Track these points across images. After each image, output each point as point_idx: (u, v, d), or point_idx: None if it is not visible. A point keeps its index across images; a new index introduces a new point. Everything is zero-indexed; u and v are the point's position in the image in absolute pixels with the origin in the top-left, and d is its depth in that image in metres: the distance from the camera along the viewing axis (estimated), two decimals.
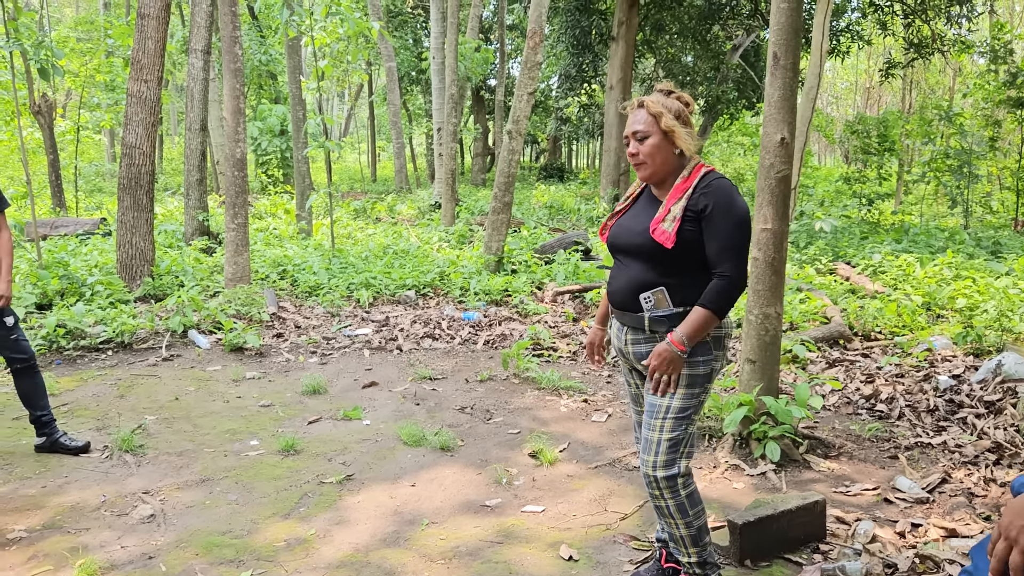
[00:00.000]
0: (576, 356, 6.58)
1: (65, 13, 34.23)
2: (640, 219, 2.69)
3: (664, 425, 2.60)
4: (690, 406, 2.61)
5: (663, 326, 2.60)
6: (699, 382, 2.61)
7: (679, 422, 2.60)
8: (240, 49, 7.86)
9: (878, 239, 11.99)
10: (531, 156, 43.29)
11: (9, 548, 3.26)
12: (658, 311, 2.60)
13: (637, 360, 2.73)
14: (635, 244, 2.64)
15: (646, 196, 2.79)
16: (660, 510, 2.68)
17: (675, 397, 2.60)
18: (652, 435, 2.62)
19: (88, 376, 5.81)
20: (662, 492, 2.62)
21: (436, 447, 4.47)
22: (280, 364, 6.27)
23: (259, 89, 24.70)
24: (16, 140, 15.21)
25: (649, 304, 2.62)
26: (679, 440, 2.61)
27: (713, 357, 2.62)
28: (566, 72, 22.59)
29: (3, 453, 4.30)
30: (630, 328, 2.72)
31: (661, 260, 2.59)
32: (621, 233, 2.75)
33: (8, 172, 18.15)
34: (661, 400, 2.61)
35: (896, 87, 33.67)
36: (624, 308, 2.70)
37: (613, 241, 2.78)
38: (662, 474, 2.60)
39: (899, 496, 3.77)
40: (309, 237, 12.57)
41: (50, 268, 7.88)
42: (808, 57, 12.04)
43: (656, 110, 2.62)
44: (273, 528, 3.47)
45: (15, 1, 7.96)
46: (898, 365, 5.94)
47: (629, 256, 2.69)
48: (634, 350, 2.72)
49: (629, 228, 2.72)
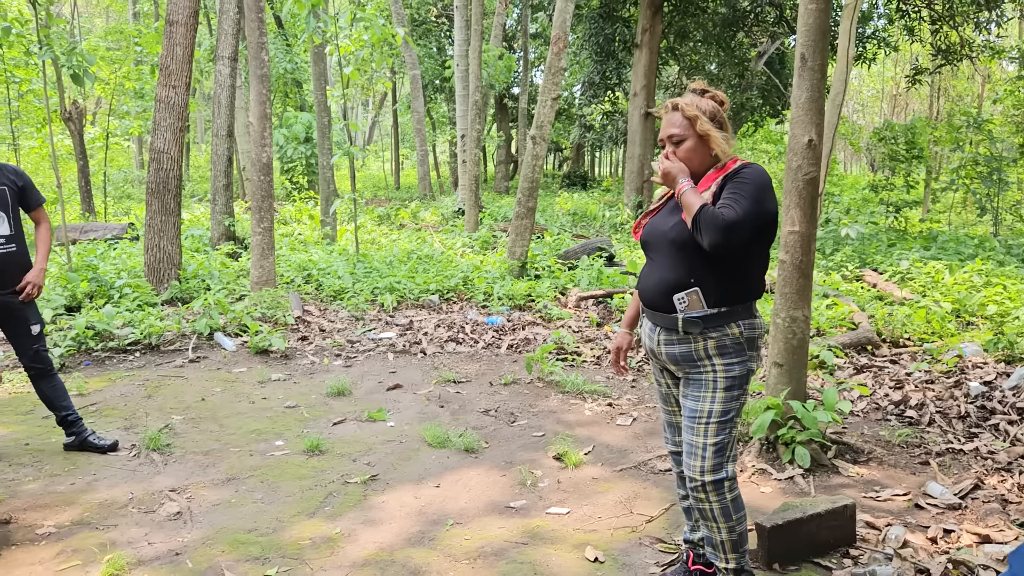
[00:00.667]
0: (600, 361, 6.55)
1: (95, 23, 34.79)
2: (672, 216, 2.68)
3: (708, 430, 2.58)
4: (731, 409, 2.58)
5: (697, 327, 2.57)
6: (737, 384, 2.59)
7: (722, 426, 2.58)
8: (266, 55, 7.94)
9: (906, 246, 11.86)
10: (554, 164, 43.31)
11: (39, 543, 3.29)
12: (692, 312, 2.57)
13: (670, 361, 2.69)
14: (668, 238, 2.62)
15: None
16: (704, 513, 2.65)
17: (715, 401, 2.57)
18: (696, 440, 2.59)
19: (116, 377, 5.88)
20: (708, 496, 2.60)
21: (460, 449, 4.47)
22: (305, 366, 6.30)
23: (285, 97, 24.93)
24: (47, 146, 15.45)
25: (683, 305, 2.58)
26: (724, 444, 2.59)
27: (748, 357, 2.60)
28: (589, 79, 22.58)
29: (33, 451, 4.36)
30: (663, 328, 2.68)
31: (692, 253, 2.55)
32: (653, 230, 2.73)
33: (39, 178, 18.45)
34: (702, 405, 2.58)
35: (923, 94, 33.33)
36: (656, 308, 2.67)
37: (645, 238, 2.77)
38: (710, 479, 2.58)
39: (930, 502, 3.71)
40: (334, 242, 12.64)
41: (79, 271, 7.98)
42: (834, 63, 11.94)
43: (692, 113, 2.59)
44: (299, 527, 3.48)
45: (47, 9, 8.09)
46: (928, 371, 5.86)
47: (661, 253, 2.67)
48: (667, 351, 2.68)
49: (661, 224, 2.70)
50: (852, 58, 7.42)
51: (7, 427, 4.70)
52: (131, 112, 17.62)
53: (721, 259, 2.55)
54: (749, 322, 2.60)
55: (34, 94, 14.18)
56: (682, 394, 2.70)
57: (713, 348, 2.57)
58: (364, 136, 40.22)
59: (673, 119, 2.63)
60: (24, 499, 3.72)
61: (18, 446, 4.42)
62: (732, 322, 2.56)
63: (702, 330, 2.57)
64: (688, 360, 2.61)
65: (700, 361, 2.59)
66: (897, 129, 14.50)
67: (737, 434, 2.65)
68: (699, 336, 2.58)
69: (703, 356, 2.58)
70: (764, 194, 2.47)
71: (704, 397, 2.59)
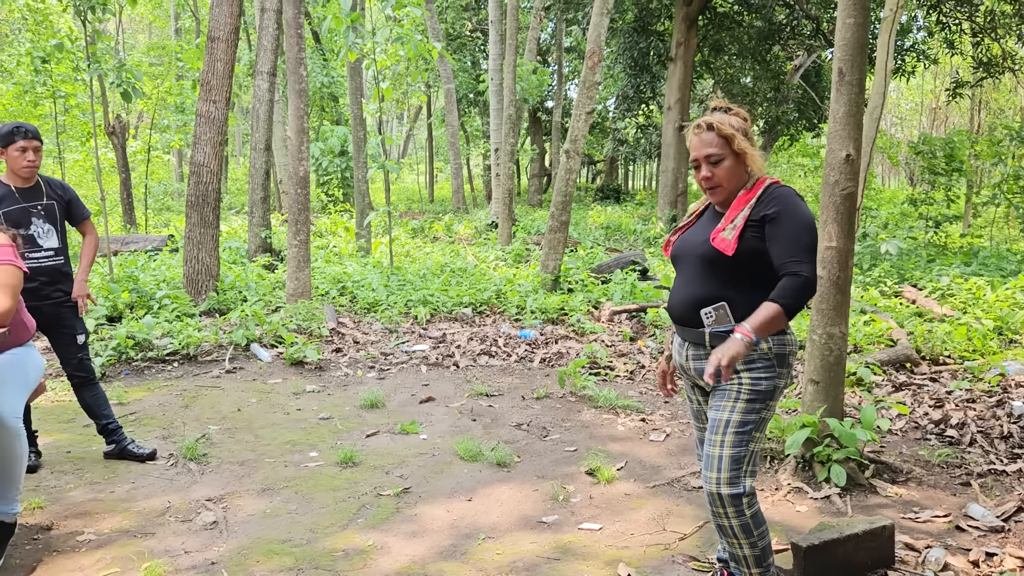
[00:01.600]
0: (633, 375, 6.52)
1: (139, 39, 35.58)
2: (702, 232, 2.70)
3: (725, 440, 2.56)
4: (750, 421, 2.56)
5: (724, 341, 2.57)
6: (761, 398, 2.56)
7: (740, 437, 2.55)
8: (304, 70, 8.06)
9: (946, 262, 11.65)
10: (587, 177, 43.29)
11: (79, 550, 3.35)
12: (719, 327, 2.58)
13: (698, 376, 2.70)
14: (696, 254, 2.64)
15: (710, 212, 2.79)
16: (723, 529, 2.63)
17: (735, 411, 2.55)
18: (713, 451, 2.58)
19: (155, 386, 5.98)
20: (726, 510, 2.57)
21: (493, 463, 4.47)
22: (339, 378, 6.36)
23: (321, 111, 25.26)
24: (91, 160, 15.81)
25: (710, 319, 2.59)
26: (741, 456, 2.56)
27: (777, 375, 2.57)
28: (624, 93, 22.57)
29: (75, 459, 4.44)
30: (691, 343, 2.69)
31: (721, 270, 2.57)
32: (683, 246, 2.75)
33: (83, 191, 18.87)
34: (722, 415, 2.58)
35: (964, 107, 32.81)
36: (684, 323, 2.69)
37: (675, 254, 2.79)
38: (726, 491, 2.55)
39: (972, 524, 3.63)
40: (368, 255, 12.75)
41: (121, 282, 8.14)
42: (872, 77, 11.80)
43: (728, 132, 2.58)
44: (332, 538, 3.50)
45: (95, 27, 8.31)
46: (969, 390, 5.74)
47: (690, 268, 2.68)
48: (695, 365, 2.69)
49: (691, 241, 2.72)
50: (891, 71, 7.34)
51: (50, 435, 4.80)
52: (172, 126, 17.97)
53: (748, 275, 2.55)
54: (779, 338, 2.58)
55: (80, 109, 14.53)
56: (708, 406, 2.71)
57: (741, 362, 2.55)
58: (399, 149, 40.58)
59: (708, 139, 2.60)
60: (65, 506, 3.79)
61: (60, 453, 4.51)
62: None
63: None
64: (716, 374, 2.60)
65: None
66: (935, 143, 14.27)
67: (757, 449, 2.61)
68: None
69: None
70: (807, 220, 2.48)
71: (725, 407, 2.58)
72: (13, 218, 4.06)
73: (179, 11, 26.98)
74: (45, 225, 4.18)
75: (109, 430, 4.40)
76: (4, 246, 3.25)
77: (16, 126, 4.03)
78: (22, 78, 13.50)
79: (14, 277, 3.23)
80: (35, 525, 3.56)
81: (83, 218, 4.41)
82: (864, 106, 5.43)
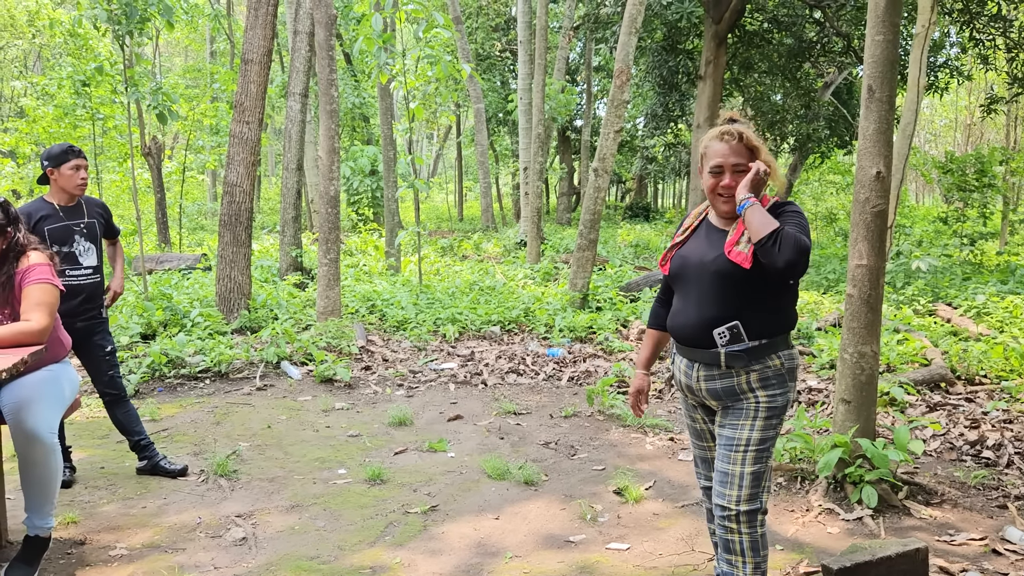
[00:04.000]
0: (662, 394, 6.49)
1: (175, 62, 36.32)
2: (707, 248, 2.65)
3: (746, 458, 2.56)
4: (769, 438, 2.58)
5: (740, 361, 2.56)
6: (777, 413, 2.58)
7: (760, 454, 2.57)
8: (336, 92, 8.18)
9: (982, 280, 11.46)
10: (616, 195, 43.26)
11: (111, 564, 3.40)
12: (734, 346, 2.56)
13: (711, 397, 2.66)
14: (707, 271, 2.59)
15: (707, 228, 2.73)
16: (730, 546, 2.61)
17: (755, 429, 2.56)
18: (734, 469, 2.57)
19: (187, 403, 6.05)
20: (740, 527, 2.58)
21: (520, 481, 4.46)
22: (368, 396, 6.39)
23: (352, 131, 25.55)
24: (128, 180, 16.14)
25: (724, 339, 2.57)
26: (761, 473, 2.57)
27: (788, 389, 2.61)
28: (652, 111, 22.55)
29: (108, 474, 4.51)
30: (702, 364, 2.65)
31: (735, 286, 2.54)
32: (687, 263, 2.68)
33: (119, 210, 19.26)
34: (741, 433, 2.58)
35: (999, 123, 32.34)
36: (695, 344, 2.64)
37: (678, 271, 2.71)
38: (745, 508, 2.56)
39: (1009, 548, 3.56)
40: (398, 273, 12.83)
41: (155, 300, 8.28)
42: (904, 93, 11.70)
43: (755, 143, 2.58)
44: (359, 555, 3.51)
45: (134, 51, 8.51)
46: (1006, 411, 5.63)
47: (698, 286, 2.63)
48: (707, 387, 2.65)
49: (697, 257, 2.65)
50: (923, 88, 7.27)
51: (84, 451, 4.88)
52: (207, 147, 18.29)
53: (760, 292, 2.54)
54: (788, 353, 2.60)
55: (117, 130, 14.84)
56: (719, 424, 2.67)
57: (756, 381, 2.57)
58: (428, 169, 40.85)
59: (737, 148, 2.58)
60: (98, 521, 3.85)
61: (94, 469, 4.58)
62: (773, 353, 2.57)
63: (746, 364, 2.55)
64: (731, 395, 2.60)
65: (743, 394, 2.59)
66: (965, 160, 14.07)
67: (773, 465, 2.62)
68: (742, 370, 2.57)
69: (745, 389, 2.58)
70: (806, 228, 2.51)
71: (743, 425, 2.57)
72: (57, 235, 4.17)
73: (214, 34, 27.51)
74: (86, 243, 4.29)
75: (141, 446, 4.47)
76: (43, 265, 3.33)
77: (68, 146, 4.18)
78: (63, 100, 13.86)
79: (52, 296, 3.30)
80: (68, 539, 3.62)
81: (116, 234, 4.60)
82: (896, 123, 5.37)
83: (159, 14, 8.26)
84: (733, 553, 2.61)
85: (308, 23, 10.93)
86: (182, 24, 20.84)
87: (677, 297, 2.74)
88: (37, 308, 3.23)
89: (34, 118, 14.37)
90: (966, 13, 14.75)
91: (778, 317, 2.58)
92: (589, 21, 19.96)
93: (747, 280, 2.53)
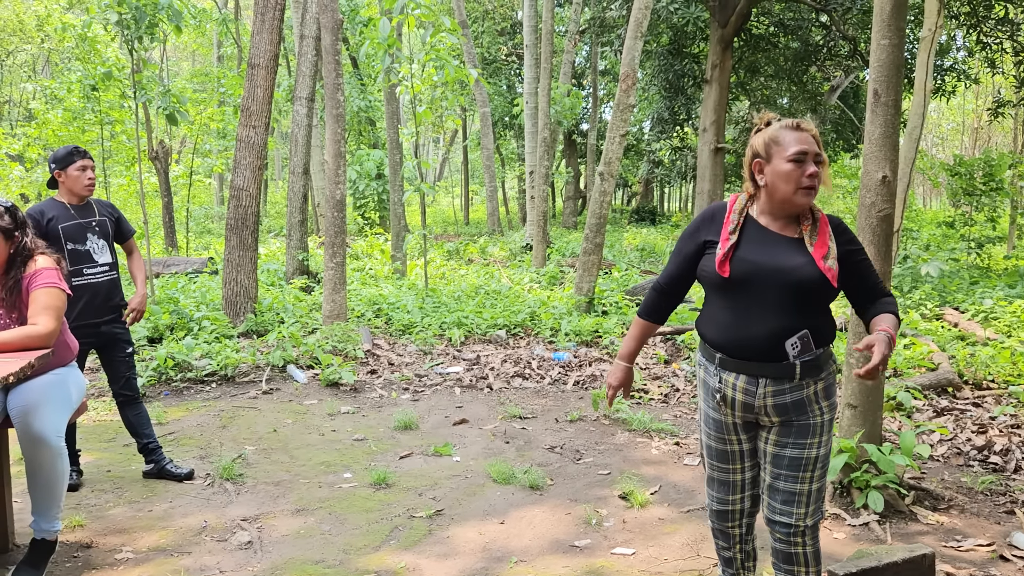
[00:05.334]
0: (668, 398, 6.48)
1: (182, 66, 36.47)
2: (781, 254, 2.46)
3: (814, 476, 2.54)
4: (830, 450, 2.58)
5: (815, 372, 2.48)
6: (831, 426, 2.58)
7: (825, 468, 2.58)
8: (342, 96, 8.20)
9: (989, 284, 11.41)
10: (622, 199, 43.25)
11: (118, 568, 3.41)
12: (806, 355, 2.46)
13: (777, 413, 2.50)
14: (789, 279, 2.42)
15: (758, 230, 2.52)
16: (792, 558, 2.61)
17: (823, 445, 2.53)
18: (803, 487, 2.54)
19: (193, 407, 6.07)
20: (805, 540, 2.58)
21: (525, 485, 4.46)
22: (374, 400, 6.40)
23: (359, 135, 25.62)
24: (135, 184, 16.21)
25: (796, 350, 2.44)
26: (824, 487, 2.59)
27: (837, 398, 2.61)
28: (658, 115, 22.56)
29: (115, 478, 4.52)
30: (771, 379, 2.46)
31: (814, 298, 2.45)
32: (758, 268, 2.45)
33: (127, 214, 19.33)
34: (810, 452, 2.52)
35: (1007, 127, 32.24)
36: (764, 358, 2.46)
37: (747, 277, 2.46)
38: (811, 522, 2.57)
39: (1016, 553, 3.54)
40: (403, 277, 12.86)
41: (162, 304, 8.30)
42: (911, 97, 11.67)
43: (817, 135, 2.47)
44: (364, 559, 3.52)
45: (142, 56, 8.56)
46: (1014, 415, 5.61)
47: (767, 295, 2.45)
48: (775, 402, 2.48)
49: (772, 262, 2.45)
50: (930, 91, 7.25)
51: (91, 454, 4.89)
52: (213, 151, 18.36)
53: (828, 300, 2.50)
54: (835, 360, 2.60)
55: (125, 135, 14.91)
56: (775, 444, 2.55)
57: (822, 390, 2.52)
58: (435, 173, 40.92)
59: (806, 136, 2.43)
60: (105, 524, 3.86)
61: (100, 472, 4.59)
62: (830, 360, 2.56)
63: (818, 375, 2.50)
64: (799, 408, 2.49)
65: (810, 407, 2.50)
66: (972, 164, 14.02)
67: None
68: (811, 381, 2.49)
69: (813, 400, 2.50)
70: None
71: (812, 444, 2.52)
72: (70, 234, 4.20)
73: (222, 39, 27.62)
74: (99, 241, 4.32)
75: (149, 449, 4.48)
76: (50, 269, 3.35)
77: (74, 147, 4.23)
78: (72, 104, 13.93)
79: (59, 300, 3.32)
80: (75, 543, 3.63)
81: (130, 235, 4.62)
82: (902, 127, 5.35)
83: (167, 19, 8.30)
84: (797, 564, 2.61)
85: (314, 28, 10.97)
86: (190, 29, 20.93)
87: (735, 306, 2.50)
88: (44, 312, 3.25)
89: (43, 121, 14.45)
90: (973, 16, 14.72)
91: (832, 324, 2.53)
92: (595, 25, 19.96)
93: (825, 290, 2.44)
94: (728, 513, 2.75)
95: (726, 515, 2.76)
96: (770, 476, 2.58)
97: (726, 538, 2.82)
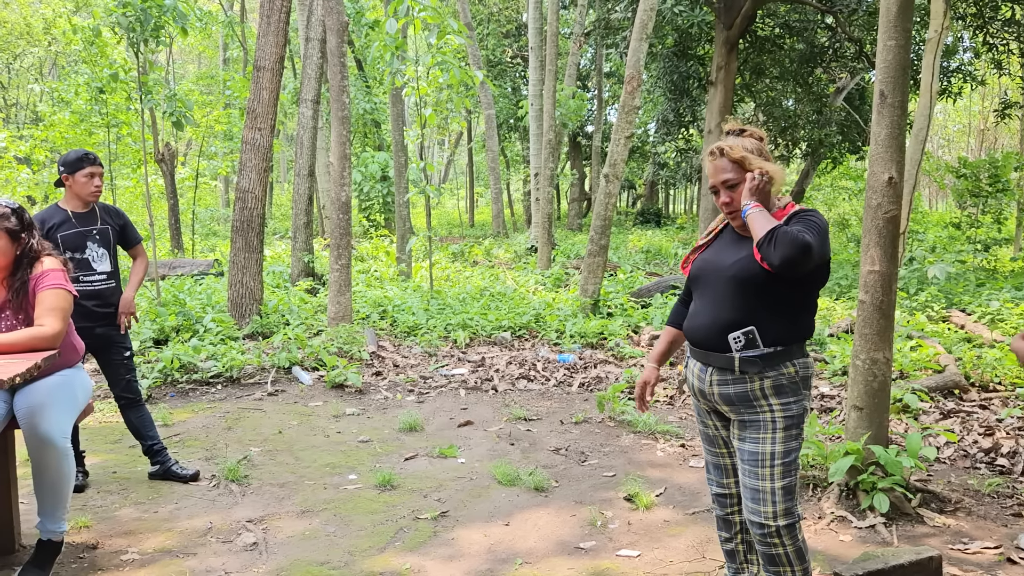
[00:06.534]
0: (673, 401, 6.47)
1: (188, 69, 36.57)
2: (728, 252, 2.67)
3: (774, 473, 2.55)
4: (792, 449, 2.56)
5: (755, 367, 2.54)
6: (795, 423, 2.57)
7: (787, 467, 2.56)
8: (347, 98, 8.21)
9: (996, 286, 11.37)
10: (628, 201, 43.22)
11: (124, 569, 3.41)
12: (749, 351, 2.55)
13: (723, 402, 2.65)
14: (727, 274, 2.60)
15: (730, 233, 2.76)
16: (774, 559, 2.60)
17: (776, 442, 2.55)
18: (764, 484, 2.56)
19: (199, 408, 6.08)
20: (782, 540, 2.58)
21: (530, 487, 4.46)
22: (379, 401, 6.40)
23: (364, 137, 25.65)
24: (141, 186, 16.25)
25: (739, 344, 2.56)
26: (792, 486, 2.57)
27: (803, 396, 2.60)
28: (663, 117, 22.54)
29: (120, 479, 4.53)
30: (716, 369, 2.64)
31: (753, 291, 2.54)
32: (706, 265, 2.71)
33: (133, 216, 19.38)
34: (764, 447, 2.56)
35: (1013, 128, 32.14)
36: (709, 347, 2.64)
37: (697, 274, 2.74)
38: (783, 523, 2.56)
39: (1023, 556, 3.52)
40: (408, 279, 12.86)
41: (168, 306, 8.32)
42: (917, 98, 11.64)
43: (738, 155, 2.58)
44: (369, 561, 3.52)
45: (148, 59, 8.58)
46: (1020, 418, 5.58)
47: (715, 289, 2.63)
48: (720, 391, 2.63)
49: (717, 259, 2.68)
50: (936, 93, 7.23)
51: (97, 455, 4.91)
52: (219, 153, 18.40)
53: (778, 299, 2.53)
54: (803, 361, 2.59)
55: (132, 137, 14.96)
56: (737, 438, 2.65)
57: (770, 388, 2.55)
58: (440, 175, 40.97)
59: (722, 165, 2.61)
60: (111, 525, 3.87)
61: (106, 474, 4.60)
62: (788, 361, 2.55)
63: (760, 370, 2.54)
64: (744, 401, 2.58)
65: (756, 402, 2.56)
66: (978, 165, 13.98)
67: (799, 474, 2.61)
68: (756, 376, 2.55)
69: (759, 396, 2.56)
70: (826, 236, 2.49)
71: (764, 439, 2.56)
72: (70, 242, 4.20)
73: (227, 42, 27.70)
74: (100, 249, 4.31)
75: (154, 451, 4.49)
76: (56, 271, 3.36)
77: (84, 153, 4.19)
78: (79, 107, 13.98)
79: (66, 301, 3.33)
80: (81, 544, 3.64)
81: (136, 242, 4.56)
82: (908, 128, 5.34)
83: (173, 21, 8.32)
84: (780, 565, 2.62)
85: (320, 30, 10.99)
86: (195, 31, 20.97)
87: (695, 300, 2.75)
88: (50, 313, 3.26)
89: (50, 124, 14.51)
90: (979, 18, 14.68)
91: (795, 325, 2.57)
92: (600, 27, 19.98)
93: (766, 286, 2.52)
94: (726, 497, 2.85)
95: (725, 498, 2.85)
96: (740, 472, 2.66)
97: (728, 527, 2.88)
